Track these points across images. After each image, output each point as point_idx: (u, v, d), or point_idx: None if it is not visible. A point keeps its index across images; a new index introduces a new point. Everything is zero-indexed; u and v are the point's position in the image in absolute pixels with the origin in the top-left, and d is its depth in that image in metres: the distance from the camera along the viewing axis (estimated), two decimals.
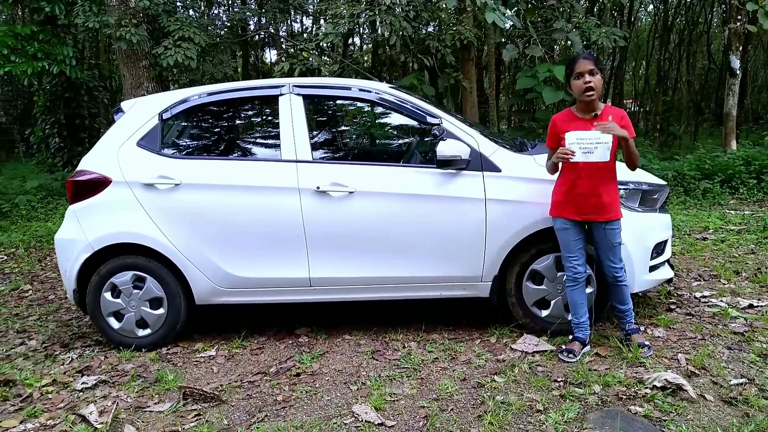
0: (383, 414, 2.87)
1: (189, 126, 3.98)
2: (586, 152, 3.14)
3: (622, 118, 3.24)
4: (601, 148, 3.16)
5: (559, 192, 3.30)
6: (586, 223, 3.28)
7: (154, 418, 2.97)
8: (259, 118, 4.02)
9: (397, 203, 3.62)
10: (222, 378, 3.39)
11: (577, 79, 3.16)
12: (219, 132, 4.06)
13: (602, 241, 3.28)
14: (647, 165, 9.06)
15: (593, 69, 3.14)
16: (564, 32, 9.28)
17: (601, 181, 3.21)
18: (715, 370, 3.14)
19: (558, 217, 3.30)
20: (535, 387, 3.06)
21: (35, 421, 2.98)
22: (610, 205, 3.24)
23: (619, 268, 3.31)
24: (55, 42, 8.74)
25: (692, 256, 5.51)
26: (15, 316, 4.71)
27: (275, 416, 2.93)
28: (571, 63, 3.20)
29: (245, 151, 3.95)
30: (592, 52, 10.88)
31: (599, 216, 3.23)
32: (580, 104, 3.27)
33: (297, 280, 3.72)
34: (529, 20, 9.44)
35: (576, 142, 3.17)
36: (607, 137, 3.16)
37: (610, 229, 3.26)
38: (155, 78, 8.63)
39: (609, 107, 3.32)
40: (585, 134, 3.18)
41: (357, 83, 3.89)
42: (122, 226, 3.72)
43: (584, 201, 3.22)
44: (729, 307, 4.04)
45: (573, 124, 3.22)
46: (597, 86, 3.14)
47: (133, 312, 3.80)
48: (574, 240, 3.29)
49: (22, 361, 3.77)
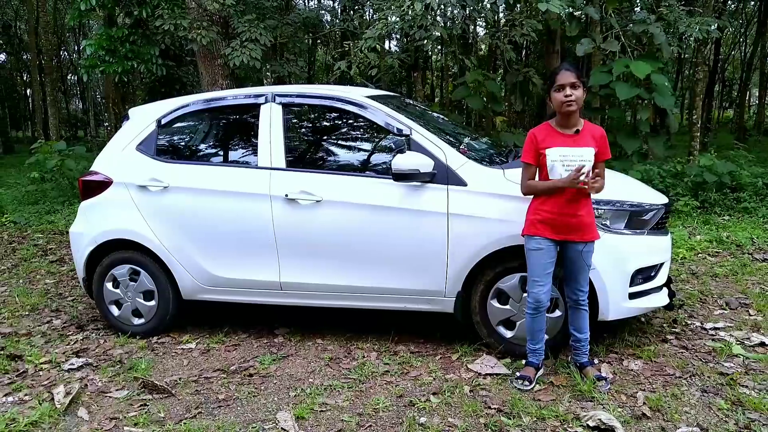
0: (302, 423, 2.94)
1: (180, 132, 4.25)
2: (569, 170, 2.99)
3: (601, 137, 3.08)
4: (585, 166, 2.99)
5: (538, 210, 3.11)
6: (560, 243, 3.10)
7: (108, 403, 3.25)
8: (243, 126, 4.19)
9: (362, 213, 3.63)
10: (186, 371, 3.62)
11: (558, 91, 3.00)
12: (205, 138, 4.28)
13: (576, 263, 3.09)
14: (736, 171, 8.17)
15: (575, 82, 2.98)
16: (644, 24, 8.59)
17: (582, 200, 3.05)
18: (669, 415, 2.87)
19: (533, 236, 3.13)
20: (464, 412, 2.98)
21: (16, 395, 3.38)
22: (590, 225, 3.08)
23: (583, 292, 3.11)
24: (144, 43, 9.55)
25: (736, 279, 4.96)
26: (58, 295, 5.29)
27: (208, 414, 3.09)
28: (552, 74, 3.06)
29: (227, 158, 4.14)
30: (683, 45, 9.95)
31: (578, 236, 3.05)
32: (560, 118, 3.09)
33: (269, 283, 3.86)
34: (612, 11, 8.87)
35: (559, 160, 3.02)
36: (590, 154, 3.00)
37: (587, 252, 3.08)
38: (229, 76, 9.15)
39: (588, 123, 3.13)
40: (568, 151, 3.02)
41: (336, 92, 3.92)
42: (120, 223, 4.06)
43: (566, 221, 3.05)
44: (735, 343, 3.63)
45: (554, 140, 3.05)
46: (578, 100, 2.99)
47: (130, 302, 4.15)
48: (546, 263, 3.09)
49: (39, 338, 4.25)
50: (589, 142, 3.05)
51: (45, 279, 5.79)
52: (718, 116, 27.93)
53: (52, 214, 9.07)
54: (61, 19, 23.89)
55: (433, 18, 6.58)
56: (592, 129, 3.14)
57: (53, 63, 20.14)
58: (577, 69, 3.05)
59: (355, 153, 4.05)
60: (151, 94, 11.73)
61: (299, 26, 10.02)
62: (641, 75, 7.83)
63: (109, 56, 9.32)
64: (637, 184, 4.09)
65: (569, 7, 7.70)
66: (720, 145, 12.94)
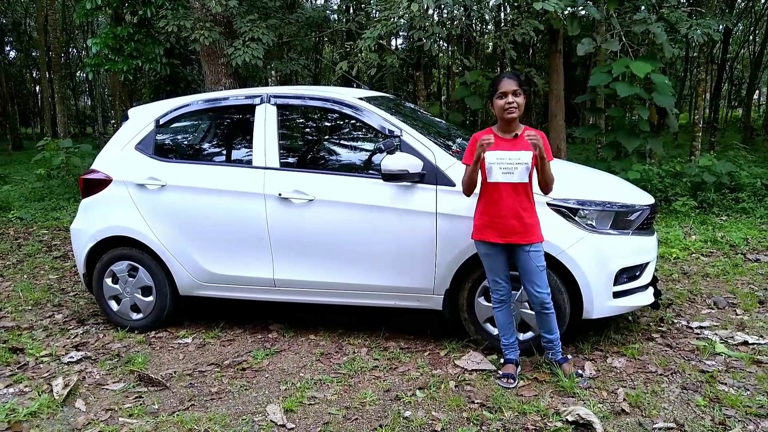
0: (290, 416, 3.04)
1: (178, 132, 4.35)
2: (506, 173, 3.08)
3: (541, 141, 3.15)
4: (521, 168, 3.11)
5: (481, 215, 3.23)
6: (508, 246, 3.19)
7: (105, 395, 3.36)
8: (239, 126, 4.28)
9: (353, 213, 3.72)
10: (181, 365, 3.72)
11: (500, 98, 3.12)
12: (202, 138, 4.38)
13: (525, 265, 3.17)
14: (735, 172, 8.19)
15: (516, 90, 3.10)
16: (645, 24, 8.60)
17: (522, 203, 3.13)
18: (647, 411, 2.94)
19: (481, 241, 3.24)
20: (448, 406, 3.06)
21: (17, 387, 3.50)
22: (532, 228, 3.16)
23: (546, 294, 3.18)
24: (149, 42, 9.67)
25: (726, 279, 5.02)
26: (61, 290, 5.42)
27: (200, 406, 3.19)
28: (495, 82, 3.17)
29: (223, 157, 4.24)
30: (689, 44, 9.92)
31: (521, 239, 3.13)
32: (501, 123, 3.22)
33: (263, 280, 3.96)
34: (612, 11, 8.91)
35: (496, 162, 3.12)
36: (527, 157, 3.09)
37: (534, 252, 3.15)
38: (232, 75, 9.26)
39: (528, 128, 3.21)
40: (505, 154, 3.12)
41: (329, 93, 4.01)
42: (119, 221, 4.17)
43: (506, 223, 3.13)
44: (719, 342, 3.69)
45: (493, 144, 3.13)
46: (519, 106, 3.11)
47: (129, 297, 4.26)
48: (499, 263, 3.24)
49: (40, 332, 4.37)
50: (527, 146, 3.13)
51: (49, 274, 5.92)
52: (726, 115, 27.82)
53: (57, 210, 9.22)
54: (70, 16, 24.07)
55: (430, 18, 6.65)
56: (531, 133, 3.21)
57: (62, 60, 20.35)
58: (518, 77, 3.16)
59: (347, 153, 4.14)
60: (157, 92, 11.85)
61: (302, 25, 10.10)
62: (641, 74, 7.87)
63: (114, 55, 9.44)
64: (623, 184, 4.15)
65: (567, 7, 7.74)
66: (726, 144, 12.93)
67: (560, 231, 3.42)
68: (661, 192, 7.98)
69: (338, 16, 11.09)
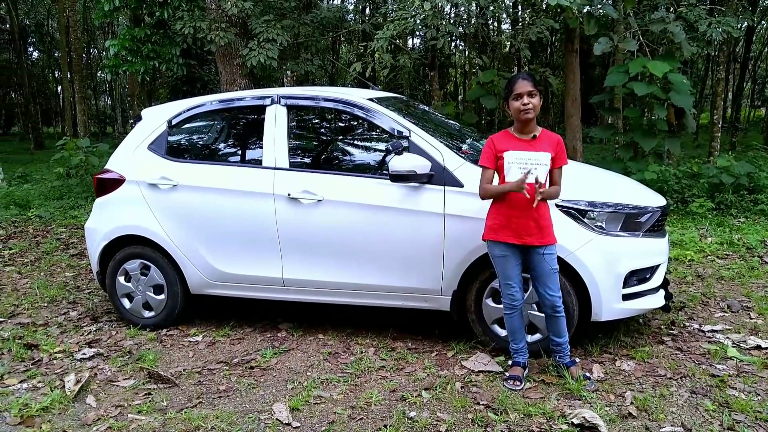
0: (296, 415, 3.06)
1: (190, 132, 4.39)
2: (525, 173, 3.06)
3: (558, 144, 3.17)
4: (541, 169, 3.09)
5: (496, 215, 3.21)
6: (523, 248, 3.17)
7: (115, 392, 3.41)
8: (249, 127, 4.32)
9: (361, 213, 3.73)
10: (191, 363, 3.77)
11: (516, 100, 3.11)
12: (214, 139, 4.42)
13: (539, 267, 3.15)
14: (755, 173, 8.06)
15: (532, 91, 3.09)
16: (663, 23, 8.50)
17: (539, 204, 3.10)
18: (655, 414, 2.92)
19: (495, 242, 3.22)
20: (453, 407, 3.06)
21: (30, 382, 3.56)
22: (547, 229, 3.14)
23: (557, 297, 3.16)
24: (165, 43, 9.78)
25: (741, 282, 4.94)
26: (76, 288, 5.50)
27: (208, 404, 3.23)
28: (510, 83, 3.16)
29: (234, 157, 4.28)
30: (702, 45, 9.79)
31: (537, 240, 3.12)
32: (517, 125, 3.20)
33: (272, 279, 3.99)
34: (630, 10, 8.81)
35: (515, 162, 3.11)
36: (546, 159, 3.08)
37: (548, 254, 3.13)
38: (247, 75, 9.33)
39: (545, 131, 3.21)
40: (524, 154, 3.11)
41: (339, 94, 4.02)
42: (131, 220, 4.22)
43: (523, 224, 3.12)
44: (731, 346, 3.64)
45: (511, 144, 3.14)
46: (535, 107, 3.09)
47: (141, 295, 4.32)
48: (513, 266, 3.21)
49: (55, 329, 4.45)
50: (545, 147, 3.13)
51: (65, 272, 6.01)
52: (749, 115, 27.34)
53: (75, 209, 9.36)
54: (91, 17, 24.44)
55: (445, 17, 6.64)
56: (549, 135, 3.24)
57: (83, 61, 20.65)
58: (533, 78, 3.14)
59: (355, 154, 4.15)
60: (174, 92, 12.01)
61: (317, 26, 10.14)
62: (658, 74, 7.77)
63: (132, 56, 9.57)
64: (634, 185, 4.11)
65: (584, 6, 7.68)
66: (748, 145, 12.72)
67: (569, 233, 3.40)
68: (678, 193, 7.88)
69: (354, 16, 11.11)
